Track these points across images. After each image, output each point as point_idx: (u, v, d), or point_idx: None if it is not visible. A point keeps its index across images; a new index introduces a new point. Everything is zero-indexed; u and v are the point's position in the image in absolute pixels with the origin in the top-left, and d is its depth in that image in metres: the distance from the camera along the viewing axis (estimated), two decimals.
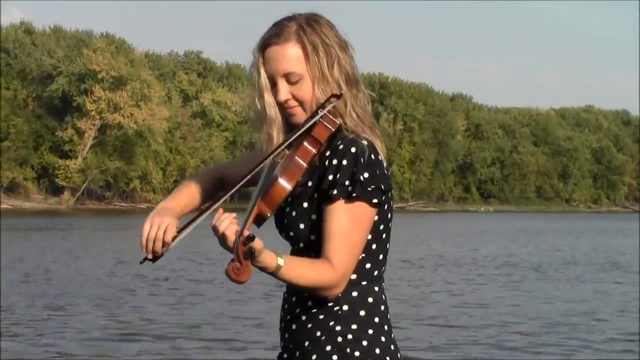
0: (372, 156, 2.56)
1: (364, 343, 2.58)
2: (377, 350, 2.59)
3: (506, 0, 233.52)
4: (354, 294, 2.60)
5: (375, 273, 2.65)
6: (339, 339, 2.57)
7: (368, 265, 2.63)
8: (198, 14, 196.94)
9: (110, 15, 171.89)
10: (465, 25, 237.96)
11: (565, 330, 13.31)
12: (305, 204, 2.60)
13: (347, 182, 2.53)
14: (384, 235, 2.65)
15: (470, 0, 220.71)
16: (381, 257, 2.66)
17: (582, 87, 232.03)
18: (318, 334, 2.58)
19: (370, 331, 2.59)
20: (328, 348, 2.56)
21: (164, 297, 16.27)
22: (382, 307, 2.64)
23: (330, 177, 2.55)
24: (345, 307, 2.59)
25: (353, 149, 2.55)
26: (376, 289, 2.64)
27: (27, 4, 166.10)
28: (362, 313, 2.60)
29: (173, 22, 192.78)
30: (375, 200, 2.55)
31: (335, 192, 2.53)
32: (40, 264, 22.08)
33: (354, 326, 2.58)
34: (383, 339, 2.61)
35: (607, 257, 28.74)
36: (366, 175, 2.53)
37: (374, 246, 2.63)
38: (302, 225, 2.60)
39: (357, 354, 2.56)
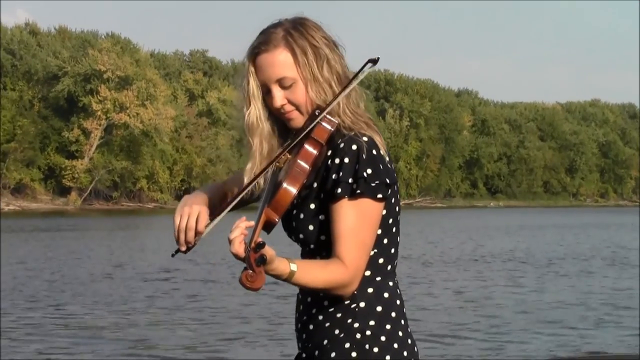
0: (374, 152, 2.57)
1: (382, 338, 2.59)
2: (396, 345, 2.60)
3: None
4: (370, 290, 2.62)
5: (389, 267, 2.67)
6: (358, 336, 2.58)
7: (381, 260, 2.64)
8: (203, 13, 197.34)
9: (116, 15, 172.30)
10: (471, 21, 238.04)
11: (567, 325, 13.31)
12: (312, 205, 2.61)
13: (350, 180, 2.54)
14: (393, 229, 2.66)
15: None
16: (392, 250, 2.67)
17: (588, 82, 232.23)
18: (336, 332, 2.60)
19: (388, 326, 2.60)
20: (347, 345, 2.58)
21: (168, 298, 16.26)
22: (398, 302, 2.65)
23: (334, 176, 2.56)
24: (362, 304, 2.60)
25: (354, 147, 2.56)
26: (390, 284, 2.66)
27: (31, 3, 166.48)
28: (379, 309, 2.61)
29: (178, 21, 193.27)
30: (380, 196, 2.56)
31: (339, 190, 2.54)
32: (43, 265, 22.10)
33: (371, 322, 2.59)
34: (400, 333, 2.62)
35: (614, 252, 28.69)
36: (369, 171, 2.54)
37: (385, 240, 2.64)
38: (311, 227, 2.61)
39: (375, 349, 2.58)
